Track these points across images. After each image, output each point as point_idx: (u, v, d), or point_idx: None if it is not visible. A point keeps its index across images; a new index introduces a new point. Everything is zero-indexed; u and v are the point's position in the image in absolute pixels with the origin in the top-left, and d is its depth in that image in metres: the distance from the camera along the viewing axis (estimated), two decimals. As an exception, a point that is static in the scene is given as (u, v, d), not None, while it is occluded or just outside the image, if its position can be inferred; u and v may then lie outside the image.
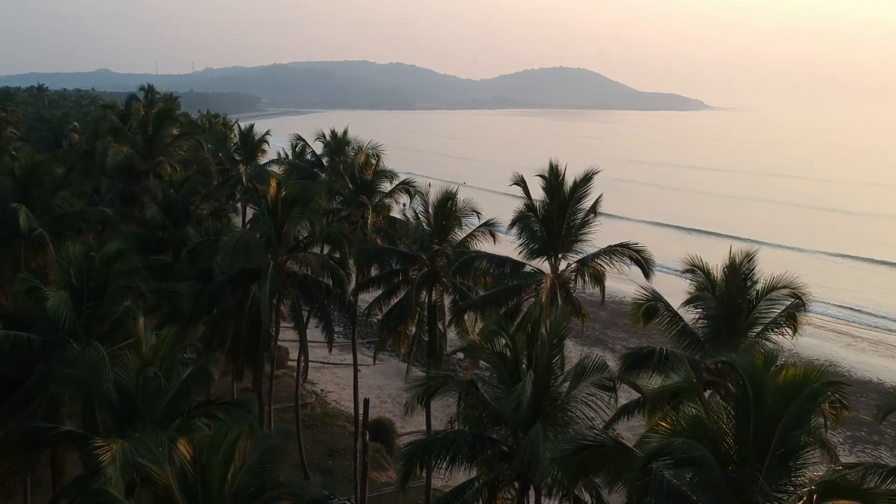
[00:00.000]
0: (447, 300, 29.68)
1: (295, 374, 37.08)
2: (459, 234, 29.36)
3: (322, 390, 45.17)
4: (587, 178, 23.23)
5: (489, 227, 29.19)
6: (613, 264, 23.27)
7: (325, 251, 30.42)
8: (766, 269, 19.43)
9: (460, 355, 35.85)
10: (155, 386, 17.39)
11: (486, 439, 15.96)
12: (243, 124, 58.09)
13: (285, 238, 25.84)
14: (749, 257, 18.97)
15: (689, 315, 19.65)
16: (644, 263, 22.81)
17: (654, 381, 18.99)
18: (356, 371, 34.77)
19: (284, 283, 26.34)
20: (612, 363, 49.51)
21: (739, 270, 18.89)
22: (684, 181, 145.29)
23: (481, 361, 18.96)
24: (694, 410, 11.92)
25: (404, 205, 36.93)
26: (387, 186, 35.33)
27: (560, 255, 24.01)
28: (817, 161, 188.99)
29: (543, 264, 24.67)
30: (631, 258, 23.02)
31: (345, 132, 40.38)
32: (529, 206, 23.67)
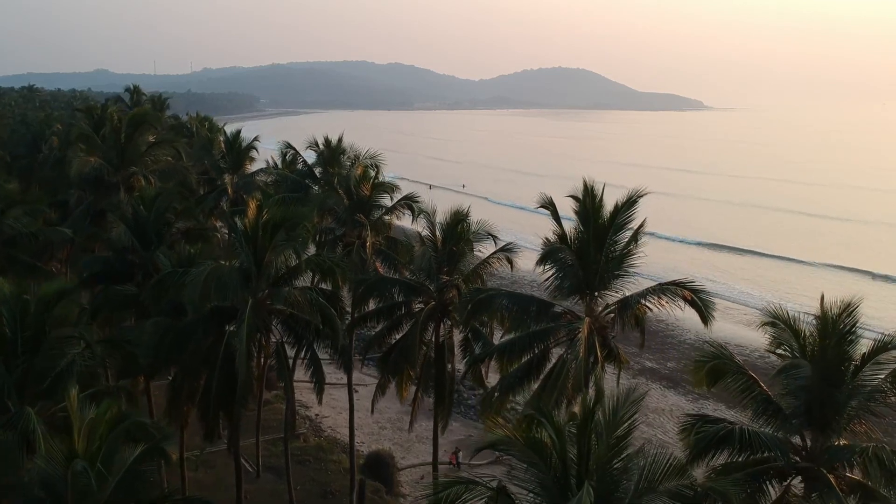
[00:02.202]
0: (457, 337, 25.74)
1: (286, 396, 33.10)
2: (472, 257, 25.53)
3: (317, 415, 42.07)
4: (631, 202, 18.97)
5: (506, 252, 25.35)
6: (663, 306, 19.09)
7: (316, 279, 26.30)
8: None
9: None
10: (86, 483, 13.37)
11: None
12: (240, 125, 53.62)
13: (266, 270, 21.59)
14: (849, 310, 14.84)
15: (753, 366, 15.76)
16: (702, 307, 18.59)
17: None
18: (352, 411, 30.76)
19: (266, 322, 22.17)
20: (625, 381, 45.94)
21: (837, 327, 14.79)
22: (684, 184, 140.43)
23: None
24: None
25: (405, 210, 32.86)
26: (387, 202, 31.13)
27: (597, 293, 19.88)
28: (819, 164, 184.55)
29: (575, 303, 20.58)
30: (685, 299, 18.83)
31: (339, 140, 36.10)
32: (561, 235, 19.45)
